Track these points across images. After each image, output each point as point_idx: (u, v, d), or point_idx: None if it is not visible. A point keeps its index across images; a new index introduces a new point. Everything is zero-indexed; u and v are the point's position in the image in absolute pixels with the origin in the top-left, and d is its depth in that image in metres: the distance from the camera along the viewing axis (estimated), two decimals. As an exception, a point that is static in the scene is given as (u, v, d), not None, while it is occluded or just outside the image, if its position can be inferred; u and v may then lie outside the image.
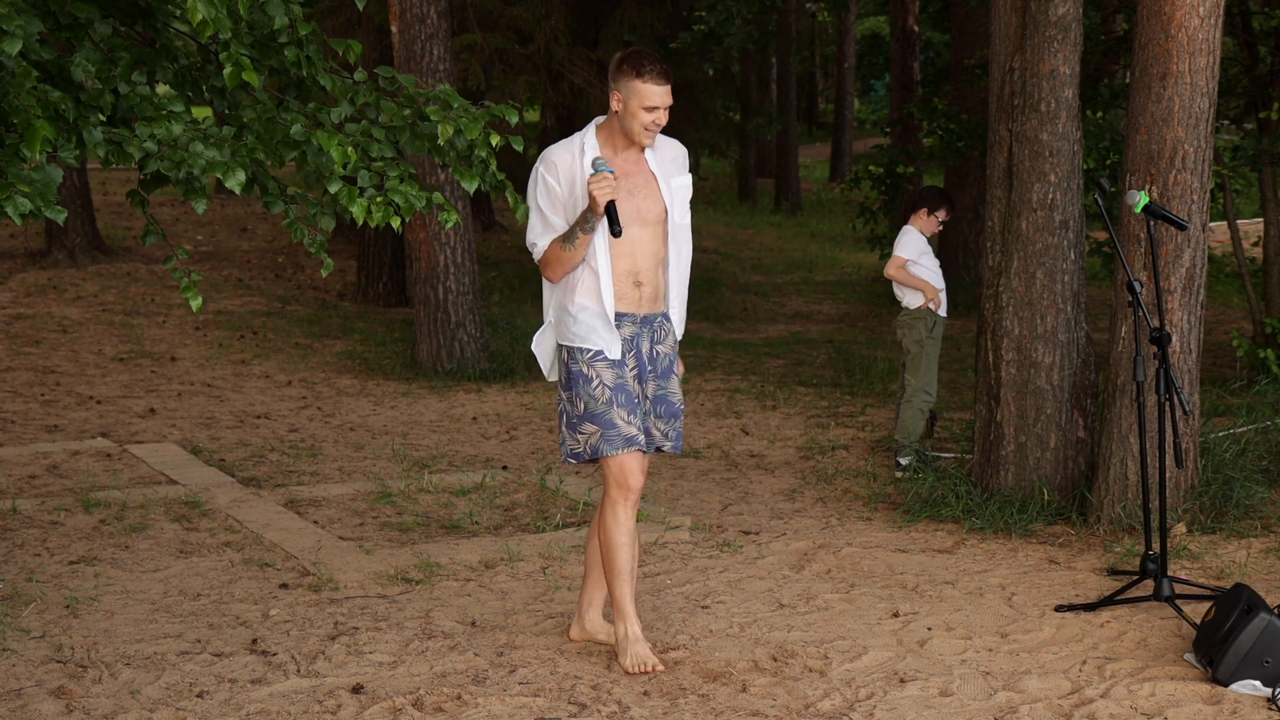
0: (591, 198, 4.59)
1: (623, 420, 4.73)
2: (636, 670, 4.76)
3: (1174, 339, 6.38)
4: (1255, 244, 13.43)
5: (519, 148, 5.19)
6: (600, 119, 4.83)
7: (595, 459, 4.75)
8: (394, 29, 11.30)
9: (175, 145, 4.70)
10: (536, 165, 4.77)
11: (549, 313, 4.87)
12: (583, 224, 4.66)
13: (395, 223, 5.04)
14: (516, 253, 19.20)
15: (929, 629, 5.27)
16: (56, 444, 8.51)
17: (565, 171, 4.72)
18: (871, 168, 15.84)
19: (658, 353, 4.88)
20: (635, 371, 4.82)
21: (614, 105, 4.71)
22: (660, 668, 4.79)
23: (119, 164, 4.71)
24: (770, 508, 7.22)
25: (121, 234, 17.02)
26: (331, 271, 5.21)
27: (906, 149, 16.11)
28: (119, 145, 4.66)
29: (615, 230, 4.60)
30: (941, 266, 8.56)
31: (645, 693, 4.63)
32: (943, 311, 8.17)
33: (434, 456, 8.42)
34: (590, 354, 4.74)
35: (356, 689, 4.63)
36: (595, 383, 4.74)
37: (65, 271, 14.66)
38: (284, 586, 5.78)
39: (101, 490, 7.33)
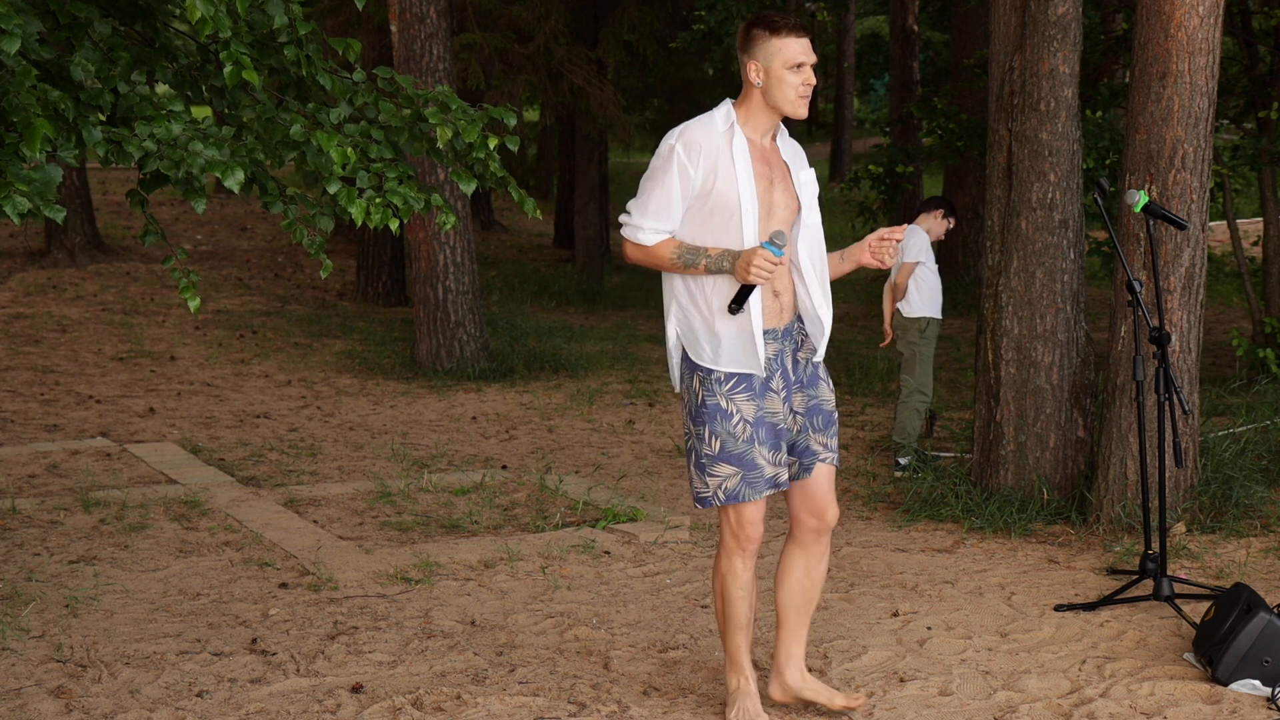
0: (744, 271, 4.00)
1: (765, 460, 4.17)
2: None
3: (1174, 338, 6.38)
4: (1255, 243, 13.43)
5: (515, 148, 5.18)
6: (725, 102, 4.22)
7: (733, 503, 4.17)
8: (394, 28, 11.30)
9: (175, 145, 4.70)
10: (671, 141, 4.11)
11: (673, 316, 4.24)
12: (712, 262, 4.07)
13: (393, 224, 5.04)
14: (516, 252, 19.21)
15: (929, 628, 5.27)
16: (56, 443, 8.50)
17: (709, 157, 4.10)
18: (871, 167, 15.83)
19: (799, 360, 4.28)
20: (784, 394, 4.23)
21: (753, 77, 4.11)
22: None
23: (118, 163, 4.71)
24: (770, 507, 7.21)
25: (121, 233, 17.02)
26: (330, 272, 5.20)
27: (906, 149, 16.11)
28: (118, 145, 4.66)
29: (734, 308, 4.06)
30: (941, 266, 8.58)
31: (645, 692, 4.63)
32: (938, 313, 8.16)
33: (433, 456, 8.42)
34: (728, 384, 4.14)
35: (356, 688, 4.63)
36: (735, 419, 4.13)
37: (65, 271, 14.66)
38: (284, 586, 5.78)
39: (101, 490, 7.33)
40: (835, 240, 20.55)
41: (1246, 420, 8.07)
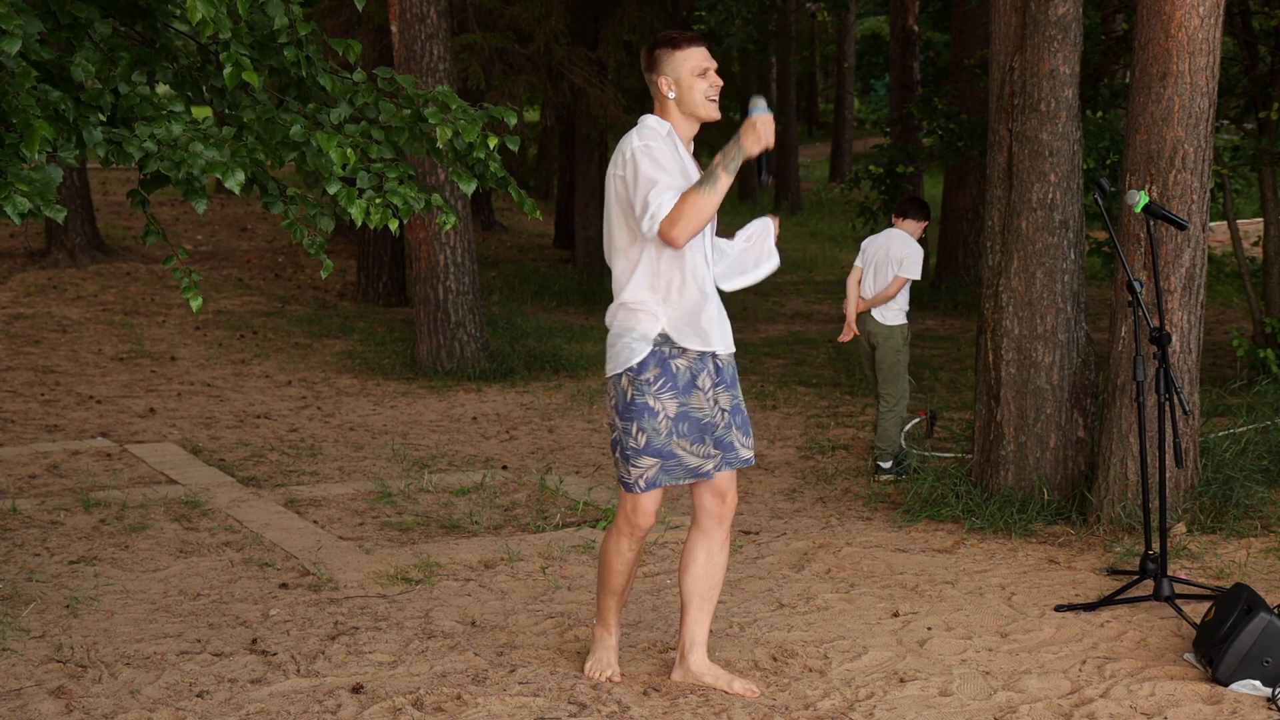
0: (754, 138, 4.24)
1: (684, 451, 4.45)
2: (591, 674, 4.71)
3: (1174, 339, 6.38)
4: (1255, 244, 13.44)
5: (515, 148, 5.18)
6: (645, 117, 4.49)
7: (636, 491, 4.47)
8: (394, 29, 11.31)
9: (175, 145, 4.70)
10: (633, 143, 4.35)
11: (623, 314, 4.47)
12: (726, 162, 4.26)
13: (393, 225, 5.03)
14: (516, 252, 19.21)
15: (929, 629, 5.27)
16: (56, 444, 8.51)
17: (666, 150, 4.37)
18: (871, 167, 15.84)
19: (722, 362, 4.55)
20: (710, 391, 4.49)
21: (665, 90, 4.39)
22: (617, 679, 4.68)
23: (119, 164, 4.71)
24: (770, 507, 7.21)
25: (121, 234, 17.02)
26: (331, 272, 5.20)
27: (906, 149, 16.12)
28: (119, 145, 4.66)
29: (764, 180, 4.45)
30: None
31: (645, 692, 4.63)
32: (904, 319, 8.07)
33: (434, 456, 8.43)
34: (655, 384, 4.38)
35: (356, 689, 4.63)
36: (659, 415, 4.40)
37: (65, 271, 14.67)
38: (284, 586, 5.78)
39: (101, 490, 7.33)
40: (835, 240, 20.15)
41: (1247, 420, 8.07)
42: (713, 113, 4.43)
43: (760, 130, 4.27)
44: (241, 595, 5.66)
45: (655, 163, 4.30)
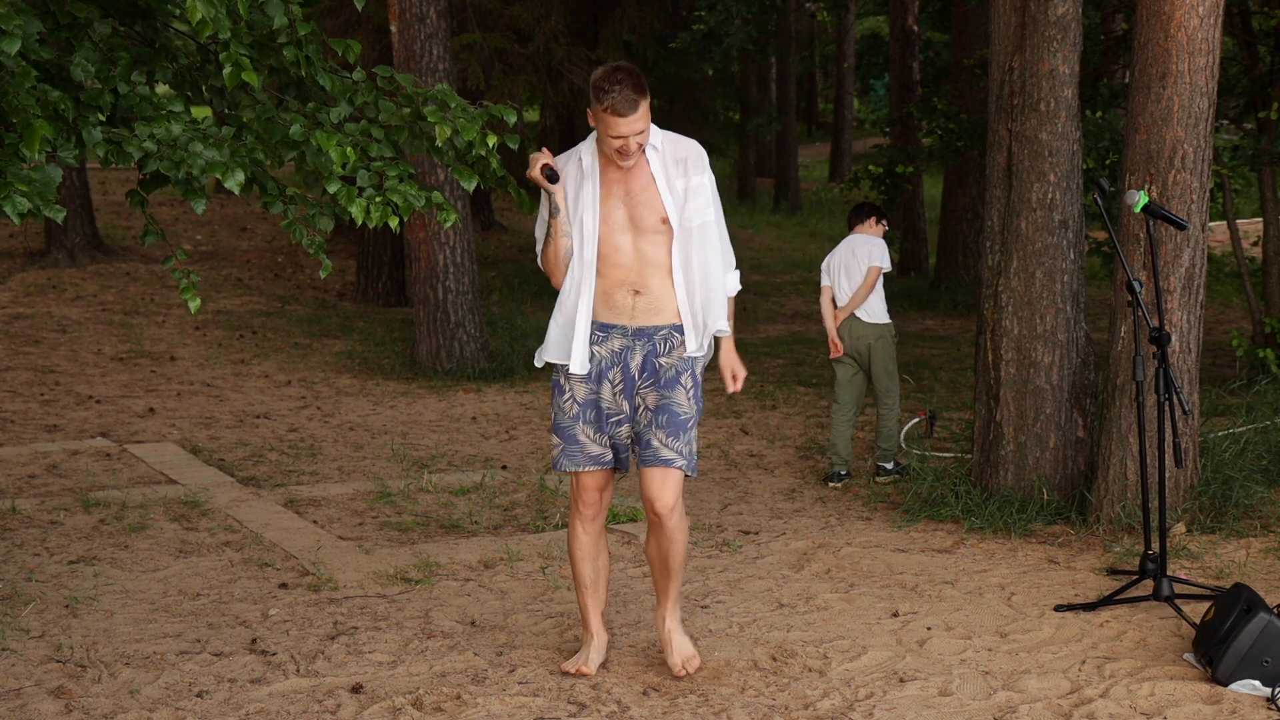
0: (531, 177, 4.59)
1: (587, 438, 4.69)
2: (567, 668, 4.81)
3: (1173, 339, 6.38)
4: (1255, 244, 13.43)
5: (514, 146, 5.18)
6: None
7: (555, 470, 4.80)
8: (393, 29, 11.31)
9: (175, 145, 4.70)
10: None
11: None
12: (546, 204, 4.65)
13: (393, 223, 5.03)
14: (516, 252, 19.20)
15: (928, 629, 5.27)
16: (56, 444, 8.51)
17: (567, 171, 4.69)
18: (871, 167, 15.83)
19: (659, 365, 4.61)
20: (621, 387, 4.65)
21: (590, 120, 4.58)
22: (587, 672, 4.76)
23: (118, 164, 4.71)
24: (770, 507, 7.21)
25: (121, 234, 17.02)
26: (330, 272, 5.20)
27: (906, 149, 16.11)
28: (118, 145, 4.66)
29: (553, 178, 4.58)
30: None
31: (645, 692, 4.63)
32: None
33: (433, 456, 8.43)
34: (564, 365, 4.67)
35: (356, 689, 4.63)
36: (566, 395, 4.69)
37: (65, 271, 14.66)
38: (283, 586, 5.78)
39: (101, 490, 7.33)
40: (835, 240, 20.43)
41: (1246, 420, 8.07)
42: (620, 164, 4.56)
43: (529, 174, 4.61)
44: (241, 595, 5.66)
45: (543, 203, 4.69)
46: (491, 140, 5.15)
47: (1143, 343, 5.87)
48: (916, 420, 8.94)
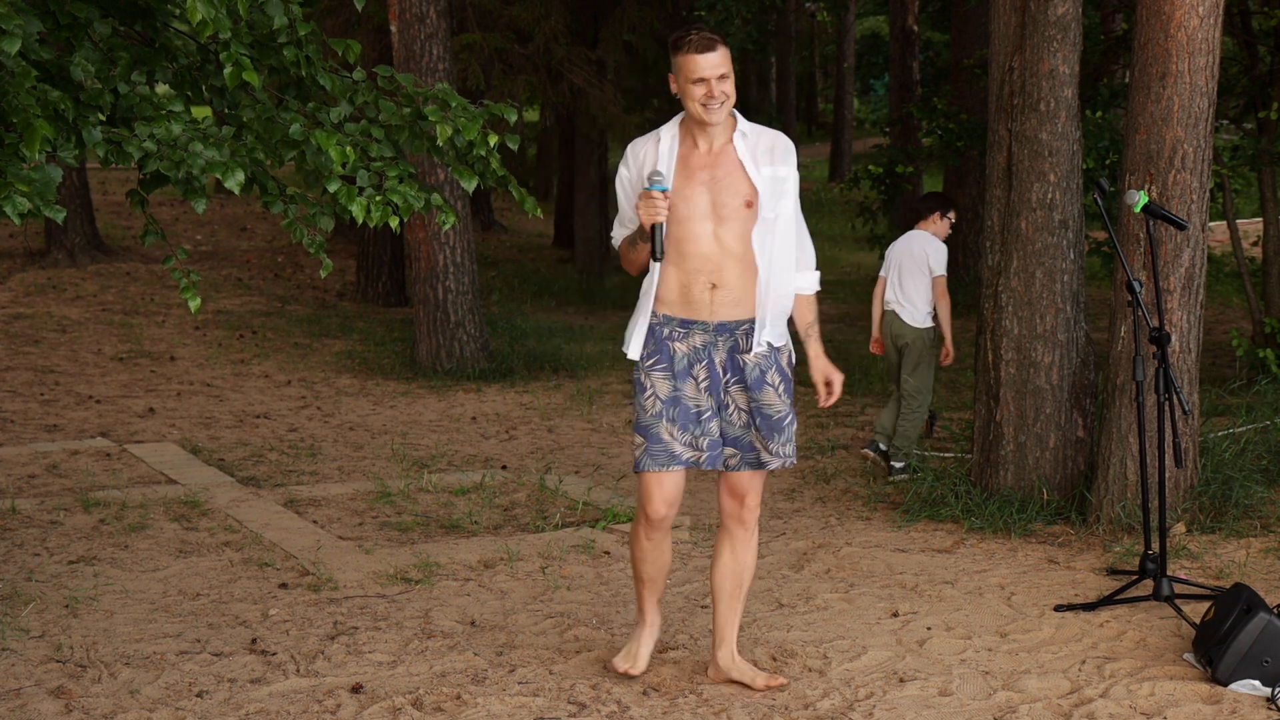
0: (645, 209, 4.33)
1: (671, 436, 4.48)
2: (614, 665, 4.75)
3: (1173, 339, 6.38)
4: (1255, 244, 13.43)
5: (514, 147, 5.18)
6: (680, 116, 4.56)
7: (638, 471, 4.53)
8: (393, 28, 11.30)
9: (175, 145, 4.70)
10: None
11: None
12: (632, 231, 4.47)
13: (394, 223, 5.03)
14: (516, 252, 19.21)
15: (928, 629, 5.27)
16: (56, 444, 8.50)
17: (638, 162, 4.48)
18: (871, 167, 15.83)
19: (744, 362, 4.49)
20: (707, 384, 4.48)
21: (673, 89, 4.42)
22: (633, 673, 4.69)
23: (118, 164, 4.71)
24: (770, 507, 7.21)
25: (121, 234, 17.02)
26: (330, 272, 5.20)
27: (906, 149, 16.11)
28: (118, 145, 4.66)
29: (655, 255, 4.33)
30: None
31: (644, 692, 4.63)
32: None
33: (433, 456, 8.42)
34: (648, 361, 4.48)
35: (356, 689, 4.63)
36: (648, 393, 4.49)
37: (65, 271, 14.66)
38: (283, 586, 5.78)
39: (101, 490, 7.33)
40: (835, 240, 20.18)
41: (1246, 420, 8.07)
42: (705, 118, 4.37)
43: (644, 207, 4.34)
44: (241, 595, 5.66)
45: (620, 183, 4.54)
46: (492, 139, 5.14)
47: (1143, 343, 5.87)
48: (916, 420, 8.93)
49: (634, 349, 4.52)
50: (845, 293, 17.25)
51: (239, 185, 4.75)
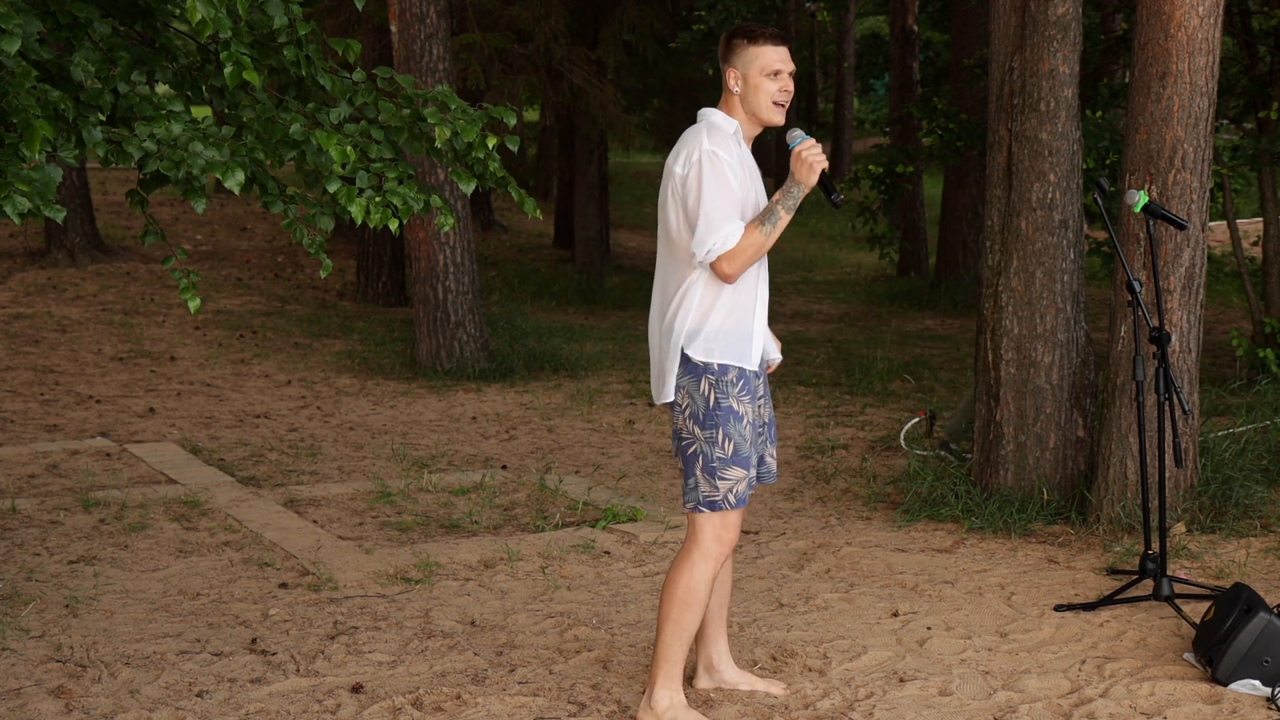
0: (806, 167, 4.10)
1: (755, 464, 4.29)
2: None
3: (1173, 338, 6.38)
4: (1255, 244, 13.43)
5: (514, 148, 5.17)
6: (710, 112, 4.29)
7: (727, 509, 4.20)
8: (393, 28, 11.31)
9: (175, 145, 4.70)
10: (702, 145, 4.13)
11: (689, 323, 4.18)
12: (785, 200, 4.12)
13: (393, 225, 5.03)
14: (516, 252, 19.21)
15: (928, 628, 5.27)
16: (56, 443, 8.50)
17: (729, 152, 4.17)
18: (871, 167, 15.82)
19: (766, 370, 4.49)
20: (763, 398, 4.37)
21: (732, 84, 4.20)
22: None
23: (118, 164, 4.71)
24: (770, 507, 7.21)
25: (121, 234, 17.02)
26: (330, 272, 5.20)
27: (906, 149, 16.11)
28: (118, 145, 4.66)
29: (837, 200, 4.13)
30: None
31: (645, 693, 4.63)
32: None
33: (433, 456, 8.42)
34: (739, 386, 4.17)
35: (356, 688, 4.63)
36: (745, 420, 4.19)
37: (65, 271, 14.66)
38: (283, 586, 5.78)
39: (101, 490, 7.33)
40: (835, 239, 20.23)
41: (1246, 420, 8.07)
42: (775, 118, 4.23)
43: (808, 159, 4.14)
44: (241, 595, 5.66)
45: (720, 180, 4.10)
46: (491, 142, 5.14)
47: (1143, 342, 5.87)
48: (916, 420, 8.94)
49: (754, 358, 4.21)
50: (845, 292, 17.26)
51: (239, 185, 4.75)
